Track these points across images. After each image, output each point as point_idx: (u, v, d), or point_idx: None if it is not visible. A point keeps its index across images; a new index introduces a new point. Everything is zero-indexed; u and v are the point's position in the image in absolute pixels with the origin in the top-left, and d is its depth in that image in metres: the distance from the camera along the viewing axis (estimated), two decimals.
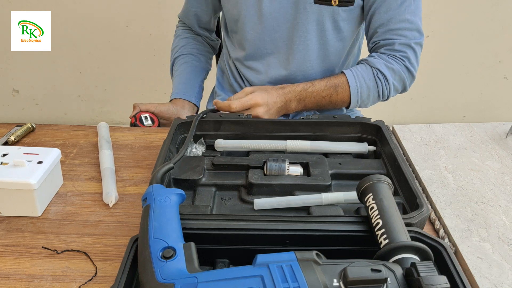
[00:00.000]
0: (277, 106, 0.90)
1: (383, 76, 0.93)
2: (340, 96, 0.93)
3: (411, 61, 0.94)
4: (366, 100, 0.96)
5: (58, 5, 1.81)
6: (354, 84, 0.93)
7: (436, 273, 0.45)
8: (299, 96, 0.91)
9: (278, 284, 0.44)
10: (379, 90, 0.94)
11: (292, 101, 0.91)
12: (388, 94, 0.97)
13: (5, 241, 0.68)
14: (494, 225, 0.72)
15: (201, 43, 1.16)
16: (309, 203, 0.68)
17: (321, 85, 0.92)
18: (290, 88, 0.92)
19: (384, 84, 0.94)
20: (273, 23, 0.94)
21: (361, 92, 0.93)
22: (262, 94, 0.88)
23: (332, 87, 0.92)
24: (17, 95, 2.05)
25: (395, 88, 0.97)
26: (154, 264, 0.48)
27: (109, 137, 0.94)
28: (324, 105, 0.94)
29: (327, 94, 0.92)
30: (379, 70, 0.93)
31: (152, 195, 0.57)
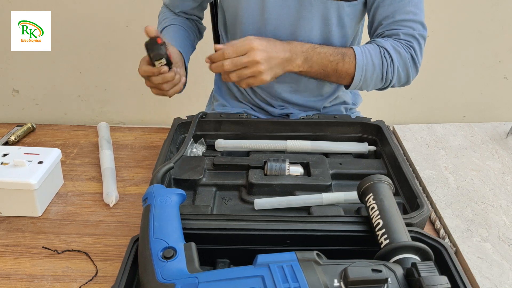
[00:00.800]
0: (280, 57, 0.81)
1: (389, 56, 0.89)
2: (346, 66, 0.86)
3: (416, 52, 0.91)
4: (369, 79, 0.89)
5: (58, 5, 1.80)
6: (361, 58, 0.87)
7: (437, 273, 0.45)
8: (306, 54, 0.84)
9: (279, 284, 0.44)
10: (383, 70, 0.89)
11: (298, 57, 0.84)
12: (391, 78, 0.90)
13: (5, 241, 0.68)
14: (495, 225, 0.72)
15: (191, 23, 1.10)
16: (310, 203, 0.68)
17: (329, 49, 0.86)
18: (296, 43, 0.85)
19: (390, 65, 0.89)
20: (276, 19, 0.93)
21: (366, 68, 0.87)
22: (262, 41, 0.79)
23: (340, 54, 0.86)
24: (17, 95, 2.05)
25: (399, 75, 0.91)
26: (155, 264, 0.48)
27: (109, 137, 0.94)
28: (329, 72, 0.87)
29: (334, 59, 0.86)
30: (386, 50, 0.89)
31: (153, 195, 0.57)
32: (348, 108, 1.09)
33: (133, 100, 2.04)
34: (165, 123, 1.12)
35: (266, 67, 0.78)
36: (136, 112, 2.08)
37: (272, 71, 0.81)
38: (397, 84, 0.93)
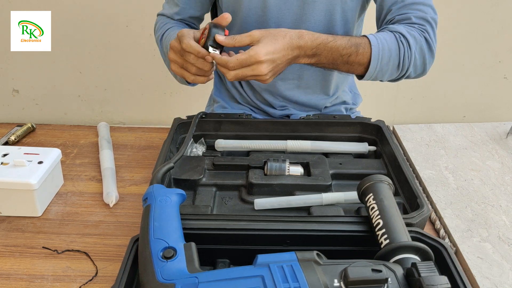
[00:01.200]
0: (286, 60, 0.76)
1: (406, 40, 0.83)
2: (360, 57, 0.81)
3: (430, 35, 0.85)
4: (385, 67, 0.83)
5: (58, 5, 1.80)
6: (376, 44, 0.81)
7: (437, 273, 0.45)
8: (316, 50, 0.78)
9: (279, 284, 0.43)
10: (400, 56, 0.83)
11: (306, 53, 0.78)
12: (408, 66, 0.84)
13: (5, 241, 0.68)
14: (495, 225, 0.72)
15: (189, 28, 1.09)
16: (310, 203, 0.68)
17: (343, 41, 0.80)
18: (309, 37, 0.77)
19: (407, 50, 0.83)
20: (278, 18, 0.92)
21: (382, 55, 0.81)
22: (268, 47, 0.72)
23: (354, 45, 0.80)
24: (17, 95, 2.05)
25: (415, 62, 0.85)
26: (155, 264, 0.48)
27: (109, 137, 0.94)
28: (338, 64, 0.82)
29: (346, 53, 0.80)
30: (401, 34, 0.83)
31: (153, 195, 0.57)
32: (348, 108, 1.09)
33: (133, 100, 2.04)
34: (165, 123, 1.12)
35: (271, 75, 0.75)
36: (136, 112, 2.08)
37: (276, 74, 0.77)
38: (413, 73, 0.87)
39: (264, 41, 0.73)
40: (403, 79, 0.88)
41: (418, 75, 0.89)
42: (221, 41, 0.73)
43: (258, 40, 0.73)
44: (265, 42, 0.73)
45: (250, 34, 0.74)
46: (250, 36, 0.74)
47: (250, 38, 0.73)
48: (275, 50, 0.73)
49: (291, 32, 0.76)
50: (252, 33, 0.74)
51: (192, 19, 1.05)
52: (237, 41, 0.73)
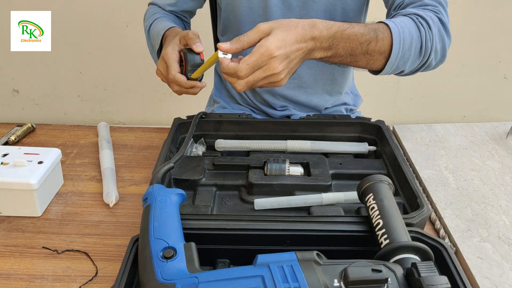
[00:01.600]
0: (301, 52, 0.66)
1: (425, 21, 0.74)
2: (380, 44, 0.71)
3: (444, 17, 0.79)
4: (407, 52, 0.74)
5: (58, 5, 1.81)
6: (395, 27, 0.72)
7: (437, 273, 0.45)
8: (332, 40, 0.68)
9: (279, 284, 0.43)
10: (422, 38, 0.74)
11: (322, 45, 0.68)
12: (431, 49, 0.76)
13: (5, 241, 0.68)
14: (495, 225, 0.72)
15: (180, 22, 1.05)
16: (310, 203, 0.68)
17: (360, 27, 0.70)
18: (323, 25, 0.67)
19: (428, 32, 0.74)
20: (278, 16, 0.91)
21: (404, 39, 0.72)
22: (279, 39, 0.62)
23: (372, 30, 0.71)
24: (17, 95, 2.05)
25: (436, 47, 0.77)
26: (155, 264, 0.48)
27: (109, 137, 0.94)
28: (357, 55, 0.71)
29: (365, 40, 0.70)
30: (417, 15, 0.75)
31: (153, 195, 0.57)
32: (348, 109, 1.09)
33: (133, 100, 2.04)
34: (165, 123, 1.12)
35: (285, 73, 0.65)
36: (136, 112, 2.08)
37: (291, 72, 0.68)
38: (434, 60, 0.79)
39: (275, 33, 0.63)
40: (423, 69, 0.80)
41: (438, 62, 0.81)
42: (227, 49, 0.64)
43: (268, 33, 0.63)
44: (276, 34, 0.63)
45: (257, 29, 0.64)
46: (258, 31, 0.64)
47: (259, 33, 0.64)
48: (288, 43, 0.63)
49: (303, 22, 0.66)
50: (259, 26, 0.64)
51: (184, 13, 1.04)
52: (245, 42, 0.64)
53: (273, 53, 0.62)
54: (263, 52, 0.62)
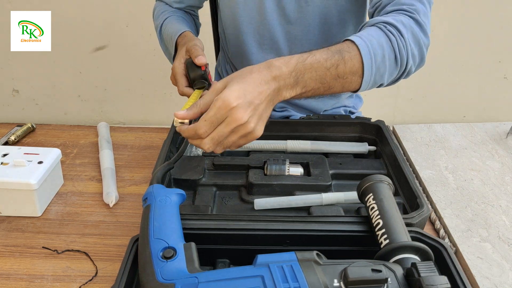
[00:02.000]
0: (266, 96, 0.60)
1: (394, 28, 0.70)
2: (349, 64, 0.66)
3: (420, 15, 0.73)
4: (382, 65, 0.69)
5: (58, 5, 1.81)
6: (361, 42, 0.67)
7: (437, 273, 0.45)
8: (295, 74, 0.63)
9: (279, 284, 0.43)
10: (394, 48, 0.69)
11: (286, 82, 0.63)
12: (407, 56, 0.71)
13: (5, 241, 0.68)
14: (495, 225, 0.72)
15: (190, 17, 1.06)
16: (310, 203, 0.68)
17: (322, 53, 0.65)
18: (280, 62, 0.62)
19: (399, 39, 0.69)
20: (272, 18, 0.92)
21: (374, 53, 0.67)
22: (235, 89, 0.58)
23: (337, 53, 0.65)
24: (17, 95, 2.05)
25: (412, 50, 0.71)
26: (155, 264, 0.48)
27: (109, 137, 0.94)
28: (329, 82, 0.66)
29: (331, 64, 0.64)
30: (386, 23, 0.70)
31: (153, 195, 0.57)
32: (347, 111, 1.09)
33: (133, 100, 2.04)
34: (165, 123, 1.12)
35: (255, 121, 0.59)
36: (136, 112, 2.08)
37: (262, 119, 0.61)
38: (414, 65, 0.74)
39: (229, 86, 0.59)
40: (405, 76, 0.75)
41: (417, 66, 0.76)
42: (184, 116, 0.60)
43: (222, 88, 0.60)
44: (231, 85, 0.59)
45: (212, 89, 0.61)
46: (214, 90, 0.60)
47: (214, 92, 0.60)
48: (246, 90, 0.58)
49: (258, 66, 0.62)
50: (214, 86, 0.61)
51: (191, 8, 1.05)
52: (202, 105, 0.60)
53: (231, 104, 0.56)
54: (220, 105, 0.57)
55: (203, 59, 0.77)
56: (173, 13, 1.00)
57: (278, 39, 0.95)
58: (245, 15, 0.93)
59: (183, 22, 0.97)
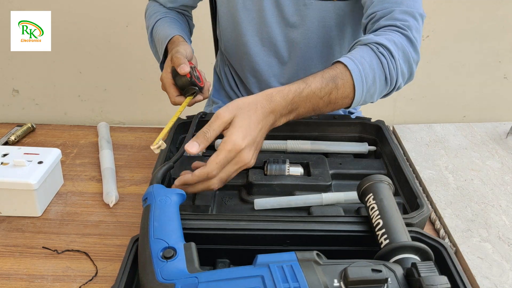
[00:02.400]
0: (264, 130, 0.66)
1: (386, 50, 0.72)
2: (341, 90, 0.70)
3: (412, 32, 0.76)
4: (373, 87, 0.72)
5: (58, 5, 1.81)
6: (354, 66, 0.70)
7: (437, 273, 0.45)
8: (291, 107, 0.67)
9: (279, 284, 0.43)
10: (385, 70, 0.72)
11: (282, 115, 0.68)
12: (396, 76, 0.74)
13: (5, 241, 0.68)
14: (495, 225, 0.72)
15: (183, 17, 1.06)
16: (310, 203, 0.68)
17: (317, 82, 0.68)
18: (278, 98, 0.66)
19: (390, 61, 0.72)
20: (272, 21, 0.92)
21: (366, 77, 0.70)
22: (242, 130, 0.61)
23: (331, 81, 0.69)
24: (17, 95, 2.05)
25: (402, 70, 0.74)
26: (155, 264, 0.48)
27: (109, 137, 0.94)
28: (321, 108, 0.71)
29: (325, 93, 0.69)
30: (379, 44, 0.72)
31: (153, 195, 0.57)
32: (347, 111, 1.09)
33: (133, 100, 2.04)
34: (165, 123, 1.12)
35: (255, 156, 0.65)
36: (136, 112, 2.08)
37: (258, 150, 0.67)
38: (403, 82, 0.78)
39: (237, 123, 0.62)
40: (393, 93, 0.79)
41: (407, 81, 0.79)
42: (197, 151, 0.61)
43: (229, 122, 0.62)
44: (238, 123, 0.62)
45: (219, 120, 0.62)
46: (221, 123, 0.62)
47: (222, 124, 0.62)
48: (251, 129, 0.62)
49: (261, 99, 0.65)
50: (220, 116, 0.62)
51: (185, 8, 1.04)
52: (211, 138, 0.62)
53: (241, 146, 0.61)
54: (231, 149, 0.60)
55: (185, 68, 0.78)
56: (166, 14, 0.99)
57: (277, 41, 0.95)
58: (244, 15, 0.93)
59: (175, 24, 0.96)
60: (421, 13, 0.79)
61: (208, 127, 0.62)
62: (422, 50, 0.81)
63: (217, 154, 0.60)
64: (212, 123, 0.62)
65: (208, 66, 1.22)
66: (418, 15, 0.78)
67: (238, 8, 0.92)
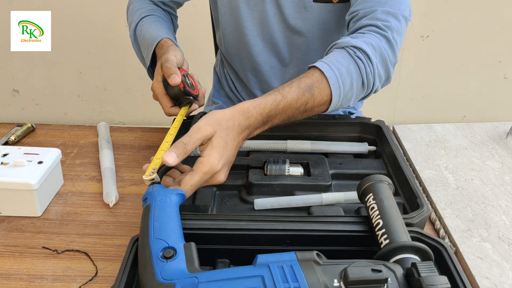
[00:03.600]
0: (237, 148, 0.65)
1: (363, 53, 0.71)
2: (318, 99, 0.69)
3: (393, 33, 0.74)
4: (350, 92, 0.71)
5: (58, 5, 1.81)
6: (331, 73, 0.69)
7: (437, 273, 0.45)
8: (266, 120, 0.67)
9: (279, 284, 0.44)
10: (362, 74, 0.71)
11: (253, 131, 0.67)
12: (373, 80, 0.73)
13: (5, 241, 0.68)
14: (495, 225, 0.72)
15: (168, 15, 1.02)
16: (310, 203, 0.68)
17: (293, 93, 0.67)
18: (255, 113, 0.65)
19: (367, 65, 0.71)
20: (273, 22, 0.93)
21: (343, 83, 0.70)
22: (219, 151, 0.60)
23: (307, 90, 0.68)
24: (17, 95, 2.05)
25: (379, 74, 0.74)
26: (155, 264, 0.48)
27: (109, 137, 0.94)
28: (296, 116, 0.70)
29: (301, 103, 0.68)
30: (356, 47, 0.71)
31: (153, 195, 0.57)
32: (347, 111, 1.09)
33: (133, 100, 2.04)
34: (165, 123, 1.12)
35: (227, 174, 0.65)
36: (136, 112, 2.08)
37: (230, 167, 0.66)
38: (380, 84, 0.77)
39: (215, 142, 0.60)
40: (370, 96, 0.78)
41: (384, 84, 0.78)
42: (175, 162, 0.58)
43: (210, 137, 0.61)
44: (216, 142, 0.61)
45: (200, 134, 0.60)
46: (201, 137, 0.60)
47: (202, 138, 0.60)
48: (227, 148, 0.62)
49: (238, 115, 0.64)
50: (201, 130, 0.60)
51: (172, 3, 1.01)
52: (189, 150, 0.60)
53: (217, 168, 0.60)
54: (207, 171, 0.59)
55: (176, 79, 0.76)
56: (151, 12, 0.95)
57: (278, 42, 0.95)
58: (246, 16, 0.93)
59: (161, 24, 0.92)
60: (404, 15, 0.77)
61: (188, 138, 0.60)
62: (422, 50, 0.82)
63: (193, 176, 0.59)
64: (193, 135, 0.60)
65: (208, 66, 1.22)
66: (402, 16, 0.76)
67: (240, 8, 0.92)
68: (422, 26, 1.82)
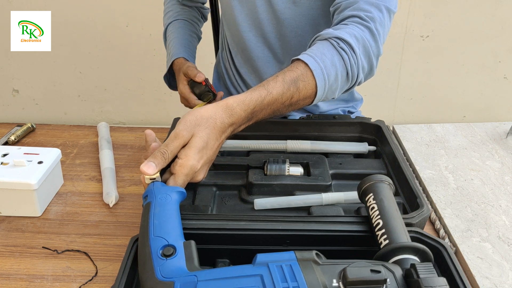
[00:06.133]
0: (218, 148, 0.65)
1: (346, 44, 0.70)
2: (303, 92, 0.68)
3: (376, 24, 0.73)
4: (335, 84, 0.71)
5: (58, 5, 1.81)
6: (316, 65, 0.68)
7: (436, 274, 0.45)
8: (250, 116, 0.66)
9: (278, 283, 0.43)
10: (346, 65, 0.71)
11: (240, 126, 0.67)
12: (358, 71, 0.73)
13: (5, 241, 0.68)
14: (495, 225, 0.72)
15: (194, 11, 1.10)
16: (310, 203, 0.68)
17: (278, 88, 0.66)
18: (239, 110, 0.64)
19: (351, 56, 0.71)
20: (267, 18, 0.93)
21: (328, 75, 0.69)
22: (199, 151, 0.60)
23: (292, 84, 0.67)
24: (17, 95, 2.05)
25: (362, 65, 0.73)
26: (154, 262, 0.48)
27: (109, 137, 0.94)
28: (280, 110, 0.69)
29: (287, 98, 0.67)
30: (339, 38, 0.71)
31: (153, 193, 0.57)
32: (346, 111, 1.09)
33: (133, 100, 2.04)
34: (165, 123, 1.12)
35: (206, 172, 0.65)
36: (136, 112, 2.08)
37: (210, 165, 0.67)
38: (363, 76, 0.76)
39: (194, 142, 0.60)
40: (354, 87, 0.78)
41: (368, 76, 0.78)
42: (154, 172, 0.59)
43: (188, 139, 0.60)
44: (195, 143, 0.60)
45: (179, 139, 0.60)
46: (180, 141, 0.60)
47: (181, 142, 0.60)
48: (208, 147, 0.61)
49: (220, 113, 0.63)
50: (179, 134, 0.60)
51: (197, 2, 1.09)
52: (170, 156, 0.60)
53: (197, 168, 0.60)
54: (187, 173, 0.59)
55: (201, 76, 0.89)
56: (178, 15, 1.05)
57: (270, 38, 0.95)
58: (239, 11, 0.94)
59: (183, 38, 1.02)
60: (388, 6, 0.76)
61: (166, 147, 0.59)
62: (422, 50, 0.81)
63: (175, 179, 0.59)
64: (170, 143, 0.59)
65: (208, 66, 1.22)
66: (385, 8, 0.75)
67: (232, 5, 0.94)
68: (422, 26, 1.82)
